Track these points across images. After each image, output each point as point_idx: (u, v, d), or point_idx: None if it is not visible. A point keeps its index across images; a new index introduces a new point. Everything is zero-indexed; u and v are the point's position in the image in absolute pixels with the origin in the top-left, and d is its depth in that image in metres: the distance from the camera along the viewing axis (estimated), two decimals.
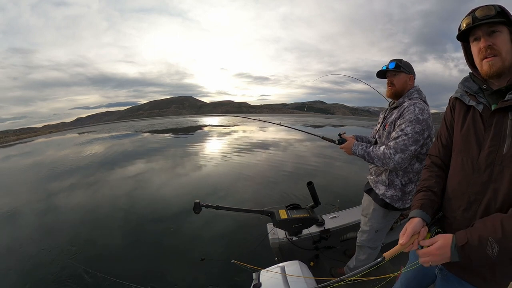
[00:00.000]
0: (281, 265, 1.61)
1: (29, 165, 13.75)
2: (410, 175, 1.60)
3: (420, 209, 0.93)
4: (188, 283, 2.90)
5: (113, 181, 7.94)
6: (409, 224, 0.89)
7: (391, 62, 1.61)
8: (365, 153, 1.57)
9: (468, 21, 0.86)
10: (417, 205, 0.95)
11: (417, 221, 0.89)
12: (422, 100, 1.53)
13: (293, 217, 1.84)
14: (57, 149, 20.91)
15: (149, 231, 4.32)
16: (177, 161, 10.32)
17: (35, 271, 3.43)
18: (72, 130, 71.65)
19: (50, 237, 4.41)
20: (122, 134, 28.44)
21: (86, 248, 3.89)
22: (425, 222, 0.90)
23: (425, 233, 0.88)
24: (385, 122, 1.65)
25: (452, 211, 0.94)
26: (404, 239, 0.85)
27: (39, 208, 5.98)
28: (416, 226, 0.87)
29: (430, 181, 1.01)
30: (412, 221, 0.90)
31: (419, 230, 0.87)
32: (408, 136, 1.41)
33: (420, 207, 0.94)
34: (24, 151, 22.88)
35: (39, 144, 29.81)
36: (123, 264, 3.40)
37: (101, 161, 11.81)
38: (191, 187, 6.71)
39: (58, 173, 9.72)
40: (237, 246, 3.44)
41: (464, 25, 0.88)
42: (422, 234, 0.87)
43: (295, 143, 13.48)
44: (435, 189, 0.98)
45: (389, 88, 1.64)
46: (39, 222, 5.20)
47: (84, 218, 5.09)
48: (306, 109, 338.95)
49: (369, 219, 1.80)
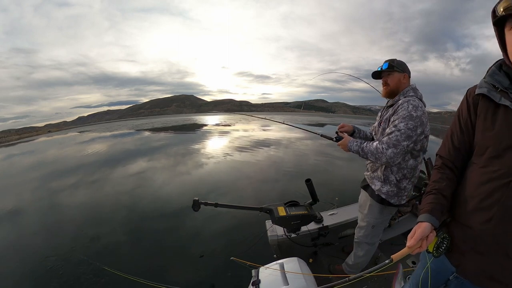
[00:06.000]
0: (280, 262, 1.63)
1: (31, 164, 13.84)
2: (405, 171, 1.63)
3: (429, 214, 0.90)
4: (187, 279, 2.92)
5: (115, 179, 8.00)
6: (418, 228, 0.88)
7: (384, 63, 1.66)
8: (360, 149, 1.60)
9: (507, 3, 0.72)
10: (426, 209, 0.92)
11: (426, 226, 0.87)
12: (417, 98, 1.56)
13: (292, 214, 1.86)
14: (58, 148, 21.03)
15: (150, 228, 4.37)
16: (178, 159, 10.36)
17: (39, 268, 3.48)
18: (72, 129, 71.99)
19: (54, 234, 4.49)
20: (123, 133, 28.51)
21: (89, 244, 3.96)
22: (433, 226, 0.89)
23: (433, 238, 0.88)
24: (380, 120, 1.70)
25: (469, 220, 0.89)
26: (412, 242, 0.85)
27: (43, 206, 6.08)
28: (425, 231, 0.86)
29: (441, 184, 0.96)
30: (421, 225, 0.88)
31: (428, 235, 0.87)
32: (401, 132, 1.44)
33: (430, 211, 0.91)
34: (26, 150, 23.03)
35: (40, 143, 29.91)
36: (124, 259, 3.47)
37: (102, 159, 11.88)
38: (192, 184, 6.74)
39: (60, 172, 9.77)
40: (236, 243, 3.45)
41: (501, 10, 0.74)
42: (430, 239, 0.87)
43: (295, 141, 13.54)
44: (445, 192, 0.95)
45: (384, 88, 1.69)
46: (43, 220, 5.27)
47: (87, 216, 5.17)
48: (305, 107, 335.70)
49: (366, 214, 1.83)
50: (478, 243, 0.86)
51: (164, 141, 17.67)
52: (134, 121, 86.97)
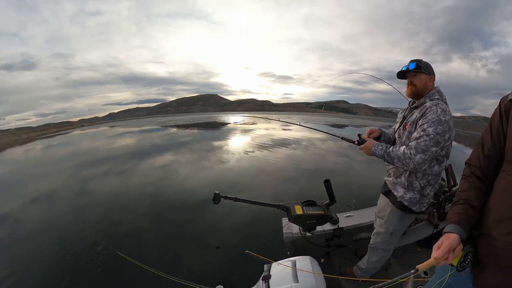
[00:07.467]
0: (293, 259, 1.64)
1: (67, 153, 15.12)
2: (429, 178, 1.55)
3: (457, 225, 0.85)
4: (201, 268, 3.05)
5: (142, 170, 8.53)
6: (445, 239, 0.83)
7: (411, 62, 1.58)
8: (385, 153, 1.53)
9: None
10: (454, 219, 0.87)
11: (454, 238, 0.82)
12: (443, 101, 1.50)
13: (308, 213, 1.85)
14: (90, 140, 22.61)
15: (171, 217, 4.61)
16: (202, 154, 10.72)
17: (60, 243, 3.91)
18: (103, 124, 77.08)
19: (80, 216, 4.95)
20: (150, 128, 29.75)
21: (111, 228, 4.28)
22: (461, 238, 0.83)
23: (460, 251, 0.83)
24: (405, 122, 1.61)
25: (492, 230, 0.84)
26: (439, 253, 0.80)
27: (75, 191, 6.70)
28: (453, 243, 0.81)
29: (469, 193, 0.91)
30: (449, 236, 0.83)
31: (455, 247, 0.81)
32: (430, 137, 1.37)
33: (458, 222, 0.85)
34: (63, 142, 25.09)
35: (74, 136, 32.23)
36: (141, 246, 3.69)
37: (130, 152, 12.66)
38: (214, 179, 6.98)
39: (91, 162, 10.59)
40: (252, 238, 3.53)
41: None
42: (456, 252, 0.82)
43: (316, 142, 13.32)
44: (474, 203, 0.89)
45: (409, 88, 1.60)
46: (73, 203, 5.83)
47: (113, 202, 5.60)
48: (327, 108, 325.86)
49: (385, 221, 1.76)
50: (501, 256, 0.80)
51: (189, 137, 18.35)
52: (161, 118, 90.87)
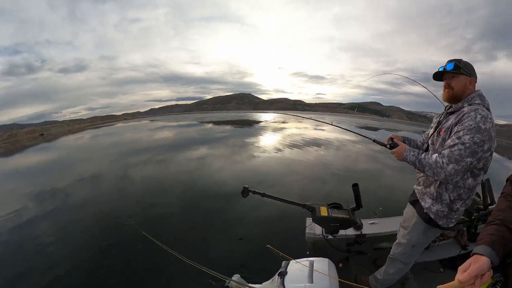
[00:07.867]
0: (311, 260, 1.64)
1: (111, 142, 16.86)
2: (461, 191, 1.43)
3: (490, 247, 0.75)
4: (222, 256, 3.19)
5: (178, 161, 9.24)
6: (474, 262, 0.72)
7: (449, 62, 1.45)
8: (417, 160, 1.44)
9: None
10: (487, 240, 0.77)
11: (484, 262, 0.71)
12: (484, 107, 1.35)
13: (333, 216, 1.83)
14: (132, 132, 24.63)
15: (201, 206, 4.90)
16: (234, 150, 11.06)
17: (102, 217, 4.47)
18: (145, 118, 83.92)
19: (121, 197, 5.58)
20: (187, 123, 31.15)
21: (143, 211, 4.71)
22: (492, 264, 0.73)
23: (489, 278, 0.71)
24: (440, 128, 1.49)
25: None
26: (465, 277, 0.69)
27: (116, 175, 7.57)
28: (482, 267, 0.70)
29: (508, 214, 0.83)
30: (479, 259, 0.72)
31: (485, 272, 0.71)
32: (466, 146, 1.24)
33: (490, 244, 0.75)
34: (108, 132, 27.65)
35: (118, 128, 34.97)
36: (168, 230, 3.99)
37: (168, 144, 13.71)
38: (244, 173, 7.25)
39: (132, 151, 11.75)
40: (274, 233, 3.59)
41: None
42: (485, 278, 0.70)
43: (346, 143, 12.84)
44: (511, 225, 0.80)
45: (446, 91, 1.48)
46: (114, 185, 6.59)
47: (149, 187, 6.17)
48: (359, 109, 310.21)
49: (409, 232, 1.67)
50: None
51: (223, 133, 18.92)
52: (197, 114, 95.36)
